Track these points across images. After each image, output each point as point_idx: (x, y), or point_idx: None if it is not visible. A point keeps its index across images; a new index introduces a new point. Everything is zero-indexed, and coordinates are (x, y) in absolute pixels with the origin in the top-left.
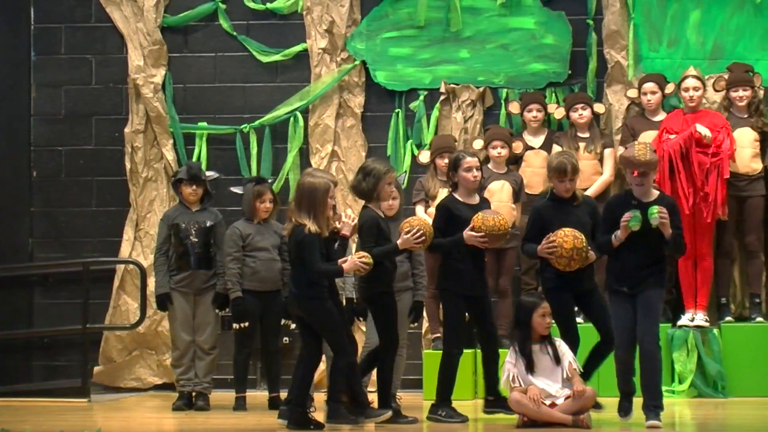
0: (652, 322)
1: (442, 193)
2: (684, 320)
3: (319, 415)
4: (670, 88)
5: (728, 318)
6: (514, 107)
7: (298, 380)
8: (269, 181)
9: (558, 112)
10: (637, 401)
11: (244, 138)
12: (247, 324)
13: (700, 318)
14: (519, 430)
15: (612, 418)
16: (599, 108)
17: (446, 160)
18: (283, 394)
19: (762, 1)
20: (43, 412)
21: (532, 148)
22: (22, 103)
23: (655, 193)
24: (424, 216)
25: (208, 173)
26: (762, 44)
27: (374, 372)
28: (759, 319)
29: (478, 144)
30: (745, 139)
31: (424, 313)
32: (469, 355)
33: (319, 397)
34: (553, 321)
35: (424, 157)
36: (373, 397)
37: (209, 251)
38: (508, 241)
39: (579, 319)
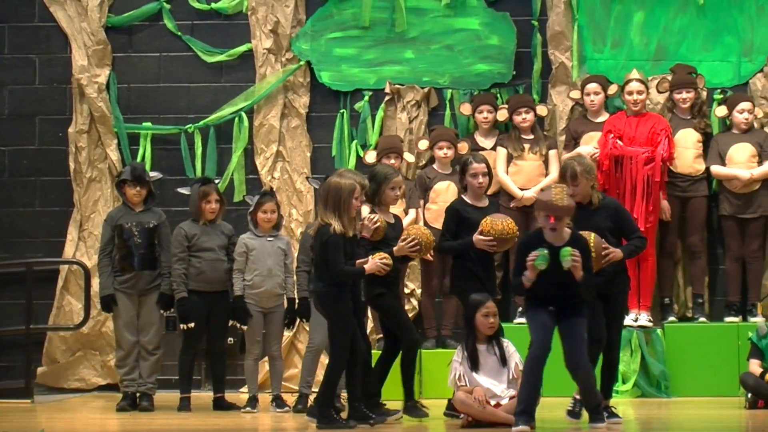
0: (580, 344)
1: None
2: (628, 320)
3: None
4: (612, 90)
5: (671, 318)
6: (466, 108)
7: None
8: (216, 181)
9: (501, 114)
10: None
11: (188, 138)
12: (192, 325)
13: (644, 318)
14: (463, 430)
15: (556, 418)
16: (542, 110)
17: (392, 161)
18: (229, 395)
19: (705, 3)
20: None
21: (483, 149)
22: None
23: (567, 233)
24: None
25: (151, 174)
26: (705, 46)
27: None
28: (702, 319)
29: (423, 144)
30: (688, 140)
31: (369, 314)
32: None
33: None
34: (499, 321)
35: (371, 157)
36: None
37: (153, 252)
38: None
39: None
